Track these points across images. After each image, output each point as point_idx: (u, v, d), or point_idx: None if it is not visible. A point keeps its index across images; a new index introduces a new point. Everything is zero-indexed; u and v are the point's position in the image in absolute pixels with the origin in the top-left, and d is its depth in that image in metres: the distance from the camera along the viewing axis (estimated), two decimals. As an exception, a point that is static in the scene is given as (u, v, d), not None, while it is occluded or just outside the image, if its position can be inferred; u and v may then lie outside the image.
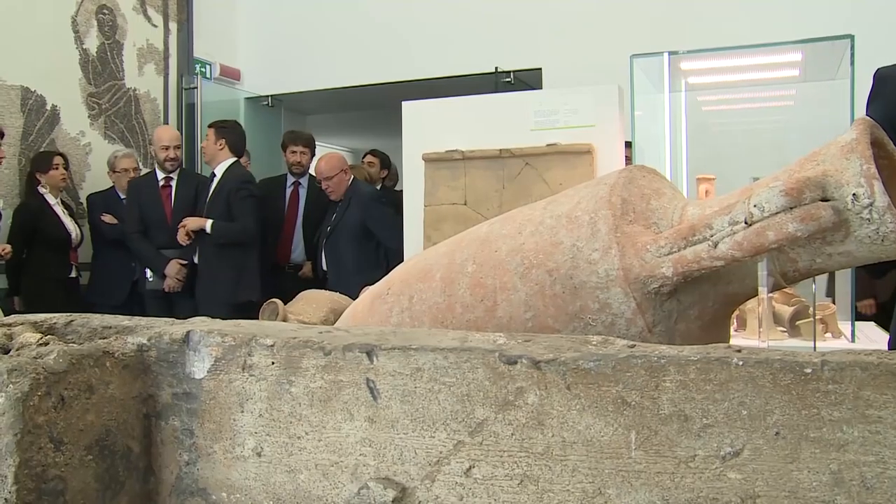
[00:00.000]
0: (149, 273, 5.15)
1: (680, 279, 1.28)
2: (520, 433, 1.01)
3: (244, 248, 5.02)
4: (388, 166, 6.84)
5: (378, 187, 6.37)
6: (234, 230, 4.98)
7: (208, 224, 4.93)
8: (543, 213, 1.44)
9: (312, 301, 3.63)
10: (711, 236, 1.24)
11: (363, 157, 6.85)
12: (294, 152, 5.80)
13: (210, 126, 5.25)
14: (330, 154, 5.43)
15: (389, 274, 1.63)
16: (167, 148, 5.37)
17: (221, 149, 5.10)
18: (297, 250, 5.75)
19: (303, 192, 5.81)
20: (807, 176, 1.17)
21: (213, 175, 5.15)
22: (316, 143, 6.02)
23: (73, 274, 5.24)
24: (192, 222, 4.95)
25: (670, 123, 4.60)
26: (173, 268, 5.07)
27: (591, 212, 1.37)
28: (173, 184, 5.39)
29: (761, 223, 1.18)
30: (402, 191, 5.96)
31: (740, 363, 0.95)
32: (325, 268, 5.26)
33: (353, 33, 6.74)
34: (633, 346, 1.05)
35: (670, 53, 4.37)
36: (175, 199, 5.35)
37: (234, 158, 5.15)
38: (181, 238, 4.94)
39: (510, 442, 1.01)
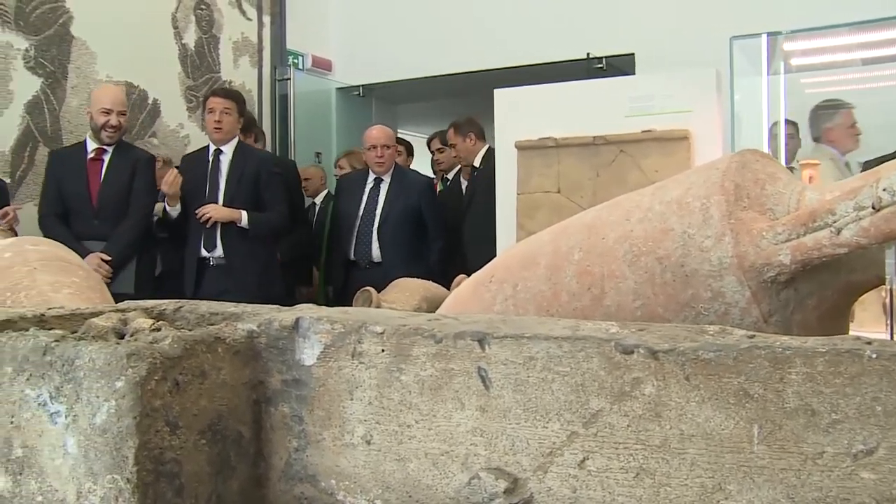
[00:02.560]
0: None
1: (798, 267, 1.23)
2: (636, 425, 0.98)
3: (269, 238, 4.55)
4: (412, 154, 6.39)
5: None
6: (271, 221, 4.43)
7: (244, 217, 4.30)
8: (652, 199, 1.40)
9: (405, 289, 3.66)
10: (834, 222, 1.18)
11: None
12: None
13: (225, 96, 4.53)
14: (381, 125, 5.08)
15: (492, 261, 1.62)
16: (108, 112, 4.23)
17: (241, 127, 4.54)
18: None
19: None
20: (942, 157, 1.10)
21: (220, 152, 4.43)
22: (405, 132, 5.93)
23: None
24: (217, 213, 4.28)
25: (768, 107, 4.45)
26: (92, 263, 3.89)
27: (702, 197, 1.33)
28: (106, 157, 4.29)
29: (891, 208, 1.12)
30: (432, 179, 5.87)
31: (874, 356, 0.89)
32: (376, 259, 4.75)
33: (444, 22, 6.73)
34: (752, 337, 1.00)
35: (769, 34, 4.22)
36: (105, 178, 4.26)
37: (238, 137, 4.53)
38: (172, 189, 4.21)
39: (626, 434, 0.98)
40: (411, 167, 6.25)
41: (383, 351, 1.09)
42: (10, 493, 1.09)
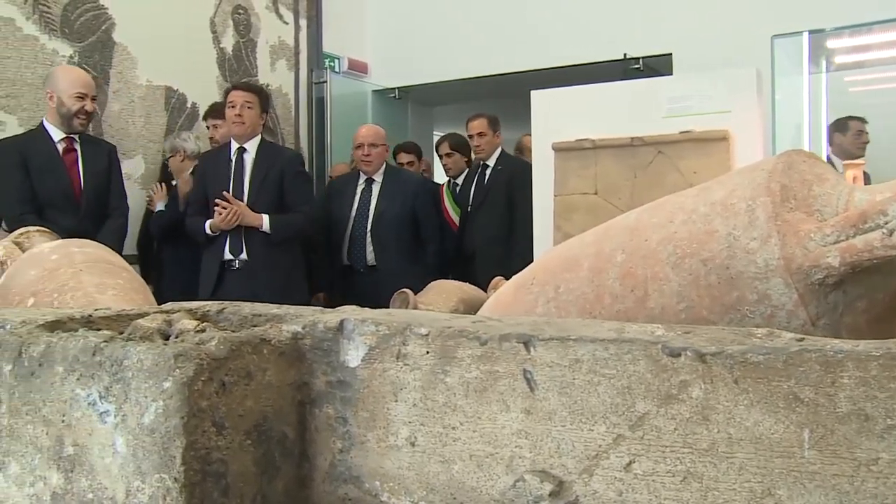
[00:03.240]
0: None
1: (848, 269, 1.21)
2: (683, 428, 0.97)
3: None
4: (421, 157, 6.17)
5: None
6: (296, 223, 4.22)
7: (265, 221, 4.09)
8: (696, 201, 1.39)
9: (442, 291, 3.66)
10: (886, 223, 1.16)
11: (395, 155, 5.97)
12: (215, 126, 4.91)
13: (246, 89, 4.35)
14: (372, 124, 4.93)
15: (532, 264, 1.61)
16: (83, 97, 3.86)
17: (262, 123, 4.34)
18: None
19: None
20: None
21: (244, 150, 4.23)
22: (441, 134, 5.87)
23: None
24: (245, 215, 4.04)
25: (810, 106, 4.40)
26: None
27: (748, 199, 1.31)
28: (78, 147, 3.94)
29: (944, 209, 1.09)
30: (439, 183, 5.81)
31: (929, 360, 0.88)
32: (371, 262, 4.61)
33: (480, 23, 6.74)
34: (801, 340, 0.99)
35: (810, 32, 4.17)
36: (84, 170, 3.91)
37: (260, 134, 4.34)
38: (225, 222, 3.97)
39: (673, 437, 0.97)
40: (423, 170, 6.24)
41: (428, 353, 1.09)
42: (63, 490, 1.11)
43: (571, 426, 1.01)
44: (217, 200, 4.07)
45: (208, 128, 5.24)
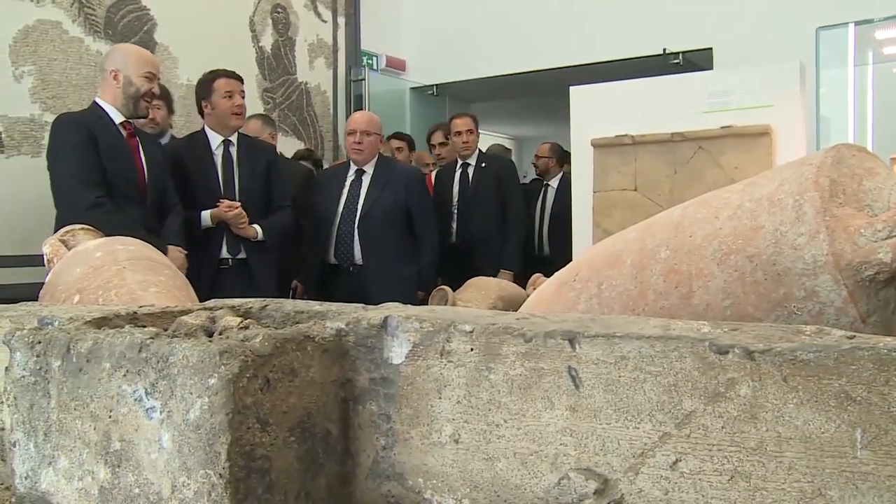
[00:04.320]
0: None
1: (900, 265, 1.18)
2: (730, 426, 0.95)
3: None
4: (414, 149, 6.14)
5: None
6: (284, 222, 3.99)
7: (259, 232, 3.85)
8: (742, 196, 1.37)
9: (481, 288, 3.66)
10: (939, 218, 1.13)
11: (388, 140, 5.77)
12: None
13: (238, 79, 4.05)
14: (366, 111, 4.68)
15: (575, 260, 1.60)
16: (152, 78, 3.43)
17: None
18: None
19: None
20: None
21: (230, 143, 3.92)
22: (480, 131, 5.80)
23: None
24: (246, 228, 3.84)
25: (855, 100, 4.31)
26: (177, 259, 3.26)
27: (795, 194, 1.29)
28: (136, 135, 3.48)
29: None
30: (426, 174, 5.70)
31: None
32: (359, 260, 4.23)
33: (517, 20, 6.72)
34: (852, 337, 0.97)
35: (857, 23, 4.09)
36: (146, 159, 3.45)
37: None
38: (238, 221, 3.75)
39: (720, 435, 0.96)
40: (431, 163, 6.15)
41: (472, 350, 1.09)
42: (110, 485, 1.12)
43: (617, 424, 1.00)
44: (222, 202, 3.81)
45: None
